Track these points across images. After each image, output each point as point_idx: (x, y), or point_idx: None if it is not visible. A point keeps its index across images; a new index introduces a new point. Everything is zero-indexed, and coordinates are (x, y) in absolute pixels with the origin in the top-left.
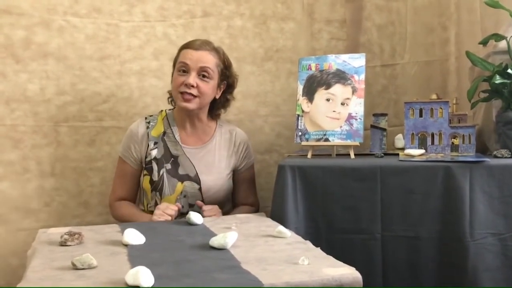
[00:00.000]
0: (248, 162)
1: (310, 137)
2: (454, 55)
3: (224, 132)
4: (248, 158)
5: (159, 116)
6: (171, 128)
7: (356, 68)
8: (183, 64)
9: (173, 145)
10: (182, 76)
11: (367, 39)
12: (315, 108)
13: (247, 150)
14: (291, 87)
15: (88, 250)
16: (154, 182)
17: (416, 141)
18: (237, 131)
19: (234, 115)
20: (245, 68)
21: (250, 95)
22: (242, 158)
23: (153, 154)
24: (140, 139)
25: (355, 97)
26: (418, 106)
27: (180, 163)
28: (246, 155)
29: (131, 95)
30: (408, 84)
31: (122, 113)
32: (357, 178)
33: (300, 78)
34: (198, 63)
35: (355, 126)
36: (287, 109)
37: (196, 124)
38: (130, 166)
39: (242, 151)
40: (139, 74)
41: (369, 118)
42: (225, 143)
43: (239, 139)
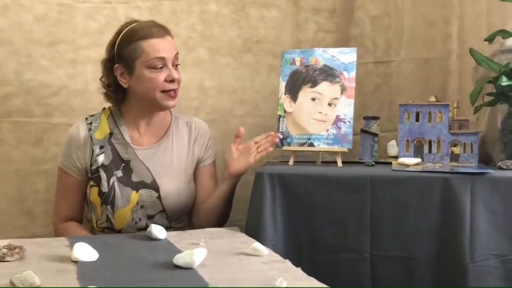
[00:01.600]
0: (212, 154)
1: (293, 141)
2: (456, 53)
3: (181, 125)
4: (212, 149)
5: (102, 114)
6: (119, 128)
7: (346, 64)
8: (160, 59)
9: (122, 147)
10: (160, 72)
11: (359, 32)
12: (299, 108)
13: (209, 140)
14: (272, 83)
15: (31, 267)
16: (104, 193)
17: (411, 148)
18: (196, 121)
19: (206, 113)
20: (220, 61)
21: (226, 91)
22: (206, 148)
23: (100, 160)
24: (82, 144)
25: (344, 97)
26: (415, 109)
27: (133, 168)
28: (209, 146)
29: (86, 88)
30: (404, 84)
31: (75, 108)
32: (344, 189)
33: (283, 73)
34: (171, 52)
35: (344, 130)
36: (267, 109)
37: (153, 120)
38: (73, 178)
39: (204, 140)
40: (97, 63)
41: (359, 121)
42: (183, 137)
43: (199, 129)
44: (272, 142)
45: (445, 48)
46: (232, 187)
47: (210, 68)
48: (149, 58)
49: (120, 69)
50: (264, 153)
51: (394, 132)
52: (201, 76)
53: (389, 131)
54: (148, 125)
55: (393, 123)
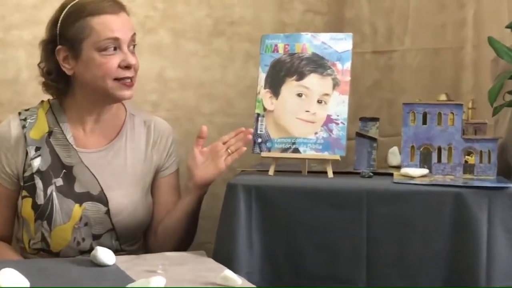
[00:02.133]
0: (174, 161)
1: (274, 146)
2: (472, 42)
3: (138, 124)
4: (175, 156)
5: (39, 109)
6: (60, 126)
7: (340, 54)
8: (113, 40)
9: (64, 150)
10: (113, 56)
11: (355, 14)
12: (281, 106)
13: (172, 144)
14: (249, 75)
15: None
16: (39, 206)
17: (417, 157)
18: (156, 121)
19: (166, 111)
20: (185, 46)
21: (191, 84)
22: (167, 155)
23: (35, 165)
24: (13, 144)
25: (337, 93)
26: (422, 109)
27: (77, 176)
28: (172, 151)
29: (17, 76)
30: (409, 79)
31: (4, 102)
32: (335, 206)
33: (263, 63)
34: (127, 32)
35: (336, 134)
36: (242, 106)
37: (103, 117)
38: (2, 187)
39: (166, 145)
40: (31, 47)
41: (354, 123)
42: (139, 139)
43: (159, 130)
44: (245, 139)
45: (458, 36)
46: (197, 200)
47: (172, 54)
48: (99, 39)
49: (63, 52)
50: (236, 155)
51: (396, 137)
52: (161, 64)
53: (390, 135)
54: (96, 122)
55: (395, 126)
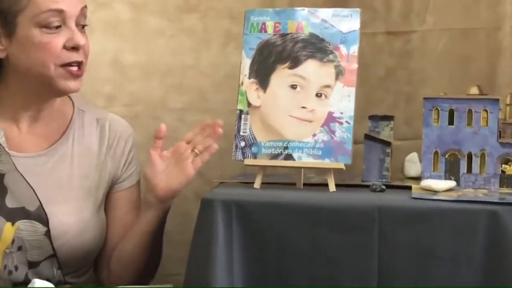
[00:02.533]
0: (135, 171)
1: (261, 151)
2: (511, 22)
3: (89, 123)
4: (135, 164)
5: None
6: None
7: (345, 35)
8: (56, 13)
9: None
10: (57, 35)
11: None
12: (271, 101)
13: (132, 150)
14: (229, 61)
15: None
16: None
17: (441, 166)
18: (112, 119)
19: (124, 105)
20: (148, 23)
21: (156, 71)
22: (126, 163)
23: None
24: None
25: (341, 85)
26: (447, 105)
27: (9, 186)
28: (132, 158)
29: None
30: (431, 67)
31: None
32: (339, 228)
33: (247, 46)
34: (75, 4)
35: (339, 136)
36: (220, 101)
37: (44, 113)
38: None
39: (124, 149)
40: None
41: (363, 122)
42: (90, 142)
43: (116, 130)
44: (215, 134)
45: (493, 13)
46: (160, 218)
47: (132, 34)
48: (39, 11)
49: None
50: (207, 155)
51: (415, 140)
52: (117, 46)
53: (407, 138)
54: (35, 120)
55: (413, 127)
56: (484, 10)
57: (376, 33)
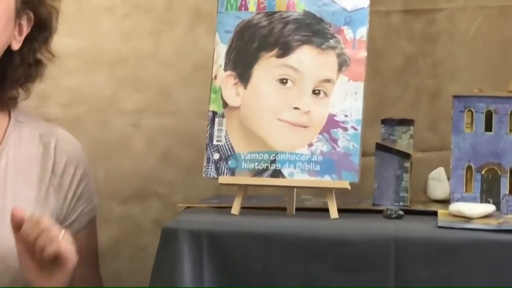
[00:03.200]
0: (86, 209)
1: (240, 165)
2: None
3: (28, 138)
4: (87, 201)
5: None
6: None
7: (350, 14)
8: None
9: None
10: None
11: None
12: (253, 100)
13: (83, 180)
14: (198, 47)
15: None
16: None
17: (476, 185)
18: (60, 137)
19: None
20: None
21: (102, 61)
22: (74, 198)
23: None
24: None
25: (345, 79)
26: (484, 105)
27: None
28: (82, 192)
29: None
30: (462, 56)
31: None
32: (344, 266)
33: (222, 28)
34: None
35: (344, 146)
36: (187, 99)
37: None
38: None
39: (73, 180)
40: None
41: (374, 128)
42: (29, 164)
43: (64, 152)
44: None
45: None
46: None
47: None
48: None
49: None
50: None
51: (441, 151)
52: None
53: (432, 149)
54: None
55: (440, 134)
56: None
57: (390, 11)
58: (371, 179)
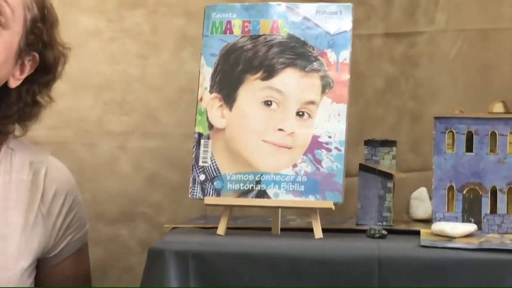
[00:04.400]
0: (76, 237)
1: (226, 186)
2: None
3: (19, 166)
4: (77, 229)
5: None
6: None
7: (333, 37)
8: None
9: None
10: None
11: None
12: (238, 122)
13: (73, 209)
14: (184, 70)
15: None
16: None
17: (458, 204)
18: (51, 165)
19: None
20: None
21: (88, 85)
22: (62, 227)
23: None
24: None
25: (329, 101)
26: (465, 126)
27: None
28: (72, 221)
29: None
30: (443, 78)
31: None
32: (329, 285)
33: (207, 51)
34: None
35: (327, 166)
36: (173, 122)
37: None
38: None
39: (62, 209)
40: None
41: (357, 149)
42: (18, 192)
43: (54, 181)
44: None
45: None
46: None
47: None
48: None
49: None
50: None
51: (423, 171)
52: None
53: (414, 169)
54: None
55: (421, 155)
56: (507, 7)
57: (373, 34)
58: (354, 199)
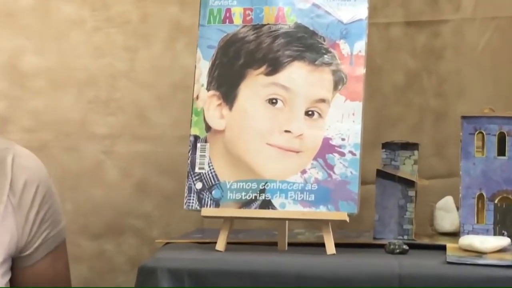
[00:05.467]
0: (52, 233)
1: (226, 195)
2: None
3: None
4: (52, 224)
5: None
6: None
7: (346, 26)
8: None
9: None
10: None
11: None
12: (240, 122)
13: (47, 201)
14: (178, 64)
15: None
16: None
17: (489, 215)
18: (17, 153)
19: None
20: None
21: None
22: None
23: None
24: None
25: (342, 99)
26: (496, 127)
27: None
28: (46, 214)
29: None
30: (471, 72)
31: None
32: None
33: (204, 42)
34: None
35: (341, 173)
36: (165, 122)
37: None
38: None
39: (34, 200)
40: None
41: (374, 152)
42: None
43: (23, 170)
44: None
45: None
46: None
47: (36, 27)
48: None
49: None
50: None
51: (449, 178)
52: (14, 44)
53: (439, 176)
54: None
55: (447, 159)
56: None
57: (391, 23)
58: (371, 210)
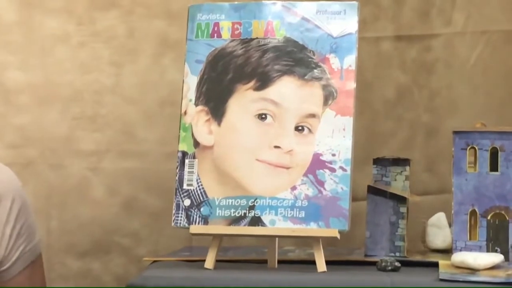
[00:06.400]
0: (28, 247)
1: (215, 212)
2: None
3: None
4: (28, 238)
5: None
6: None
7: (336, 40)
8: None
9: None
10: None
11: None
12: (228, 138)
13: (23, 215)
14: (165, 79)
15: None
16: None
17: (481, 231)
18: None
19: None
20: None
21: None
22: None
23: None
24: None
25: (332, 114)
26: (488, 142)
27: None
28: (22, 228)
29: None
30: (462, 86)
31: None
32: None
33: (192, 57)
34: None
35: (331, 189)
36: (152, 138)
37: None
38: None
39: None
40: None
41: (365, 168)
42: None
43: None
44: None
45: None
46: None
47: (21, 41)
48: None
49: None
50: None
51: (441, 194)
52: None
53: (430, 192)
54: None
55: (438, 175)
56: None
57: (381, 37)
58: (362, 227)
